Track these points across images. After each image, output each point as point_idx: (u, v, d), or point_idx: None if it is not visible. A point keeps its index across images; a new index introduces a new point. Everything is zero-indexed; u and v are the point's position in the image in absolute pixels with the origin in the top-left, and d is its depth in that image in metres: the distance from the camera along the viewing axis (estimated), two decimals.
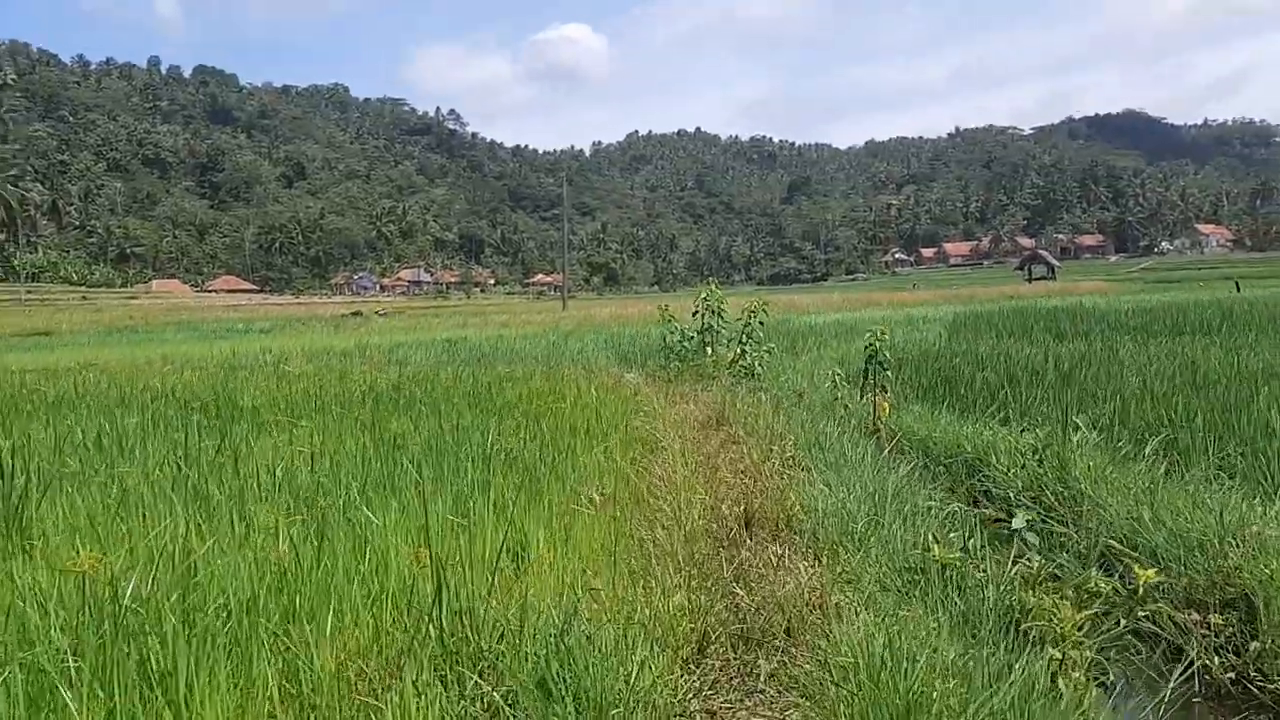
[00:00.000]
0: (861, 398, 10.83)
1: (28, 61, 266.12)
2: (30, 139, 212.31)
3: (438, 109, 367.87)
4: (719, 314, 15.22)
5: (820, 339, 23.48)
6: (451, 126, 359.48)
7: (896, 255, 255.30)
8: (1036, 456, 6.97)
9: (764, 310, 14.96)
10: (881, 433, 9.92)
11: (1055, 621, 3.74)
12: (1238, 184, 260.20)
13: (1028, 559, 4.25)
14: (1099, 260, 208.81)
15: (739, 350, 14.49)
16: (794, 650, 3.78)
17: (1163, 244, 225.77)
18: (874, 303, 52.76)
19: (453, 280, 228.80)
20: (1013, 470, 7.46)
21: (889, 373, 10.50)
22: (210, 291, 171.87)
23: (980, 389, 11.58)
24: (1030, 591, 4.02)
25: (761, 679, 3.69)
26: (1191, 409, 8.90)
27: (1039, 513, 6.48)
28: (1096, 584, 4.13)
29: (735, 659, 3.82)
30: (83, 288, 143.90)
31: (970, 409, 10.76)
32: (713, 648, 3.83)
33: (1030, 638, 3.81)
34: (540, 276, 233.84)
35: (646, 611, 3.85)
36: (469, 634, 3.47)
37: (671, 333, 15.25)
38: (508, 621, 3.58)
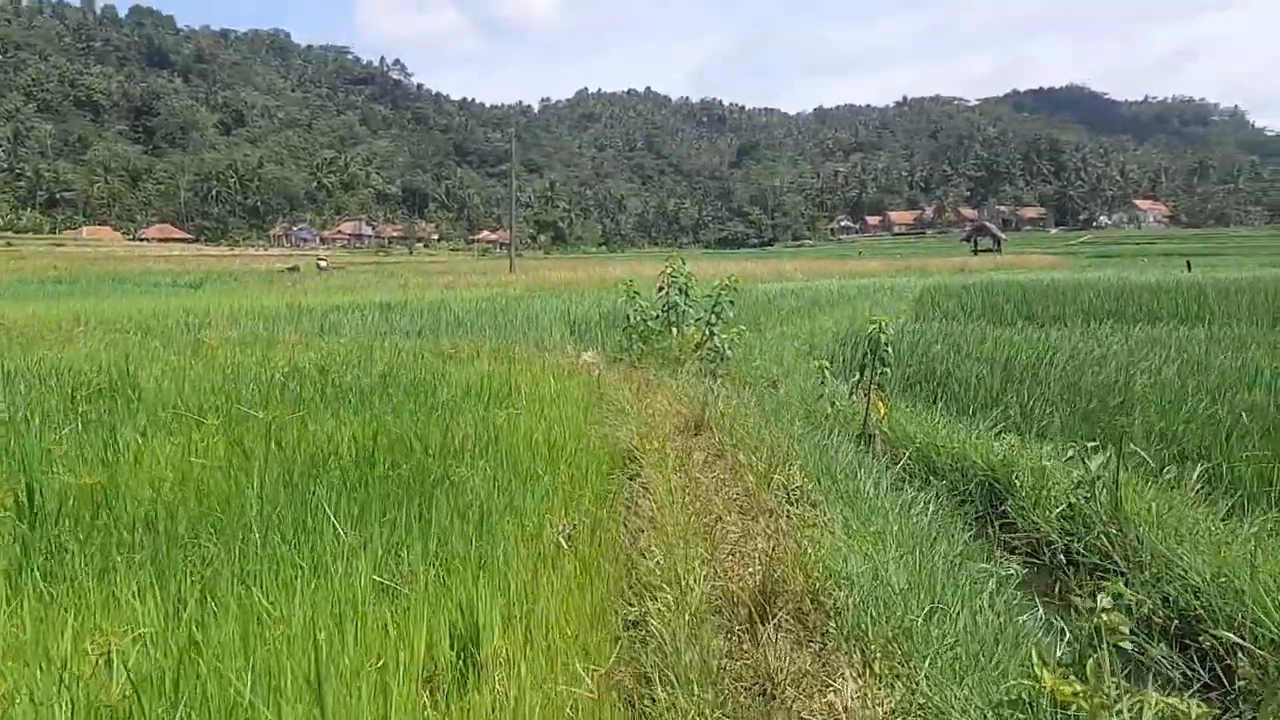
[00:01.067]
0: (851, 395, 9.69)
1: None
2: None
3: (382, 59, 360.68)
4: (685, 291, 13.97)
5: (781, 314, 22.37)
6: (396, 77, 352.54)
7: (842, 222, 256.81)
8: (1084, 491, 5.88)
9: (734, 288, 13.75)
10: (876, 437, 8.79)
11: None
12: (1175, 161, 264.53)
13: (1169, 693, 3.12)
14: (1039, 232, 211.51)
15: (707, 331, 13.28)
16: None
17: (1101, 218, 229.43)
18: (827, 272, 51.86)
19: (395, 234, 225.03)
20: (1045, 499, 6.39)
21: (888, 369, 9.32)
22: (143, 240, 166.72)
23: (975, 385, 10.53)
24: None
25: None
26: (1230, 427, 7.89)
27: (1089, 560, 5.40)
28: None
29: None
30: (8, 233, 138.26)
31: (967, 410, 9.69)
32: None
33: None
34: (486, 233, 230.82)
35: None
36: None
37: (635, 310, 13.94)
38: None
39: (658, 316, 13.81)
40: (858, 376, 9.39)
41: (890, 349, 9.24)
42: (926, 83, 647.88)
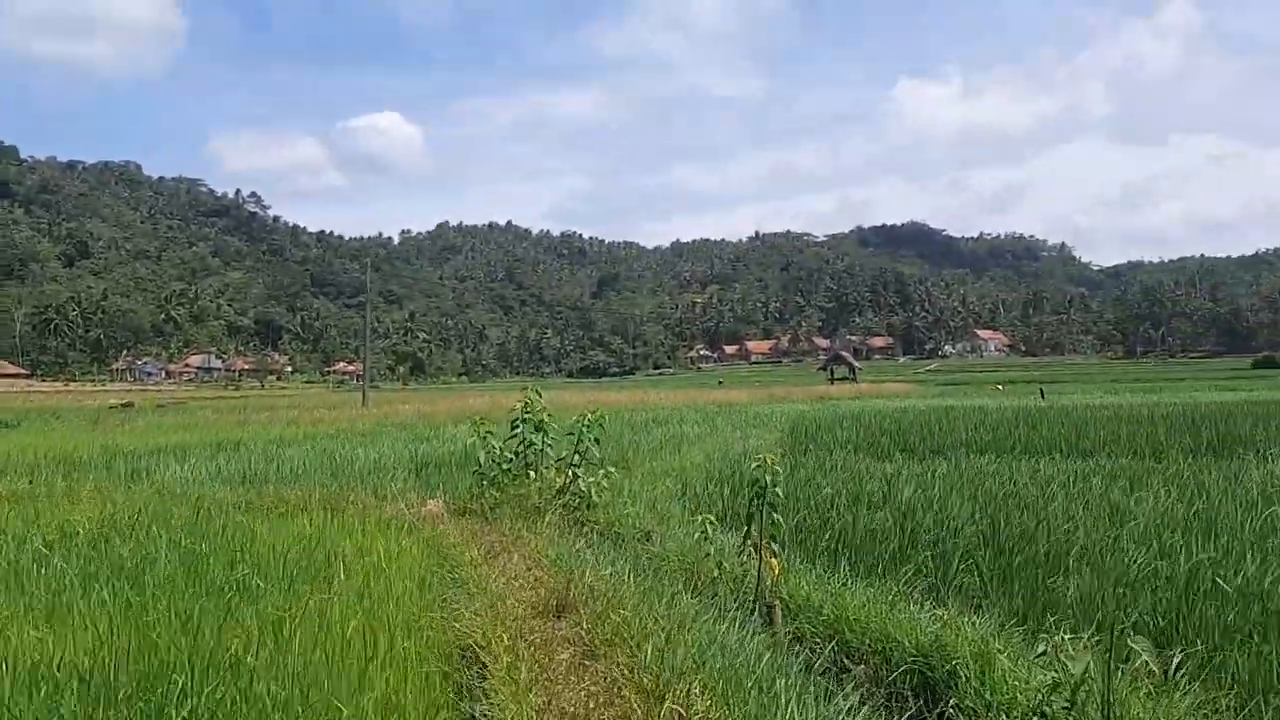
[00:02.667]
0: (741, 551, 8.28)
1: None
2: None
3: (238, 191, 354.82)
4: (543, 428, 12.40)
5: (649, 448, 21.00)
6: (252, 209, 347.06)
7: (701, 351, 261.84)
8: (1062, 698, 4.54)
9: (599, 425, 12.28)
10: (776, 608, 7.37)
11: None
12: (1011, 293, 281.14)
13: None
14: (888, 360, 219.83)
15: (570, 474, 11.73)
16: None
17: (946, 347, 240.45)
18: (692, 402, 51.11)
19: (247, 367, 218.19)
20: (1001, 699, 5.05)
21: (779, 517, 7.98)
22: None
23: (878, 537, 9.28)
24: None
25: None
26: (1182, 591, 6.81)
27: None
28: None
29: None
30: None
31: (874, 568, 8.39)
32: None
33: None
34: (341, 365, 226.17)
35: None
36: None
37: (487, 452, 12.20)
38: None
39: (513, 459, 12.17)
40: (745, 530, 8.02)
41: (779, 492, 7.93)
42: (777, 219, 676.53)
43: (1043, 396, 52.69)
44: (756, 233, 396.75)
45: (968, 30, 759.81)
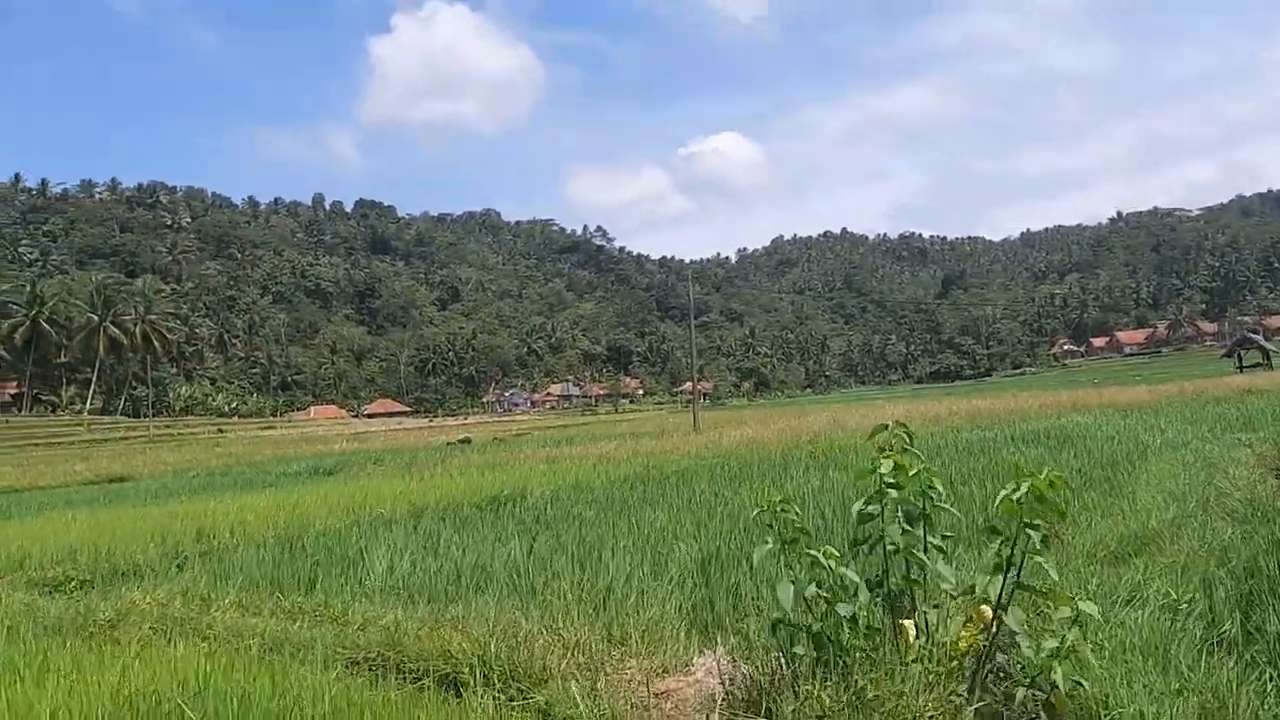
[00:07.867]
0: None
1: (202, 205, 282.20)
2: (202, 277, 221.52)
3: (585, 227, 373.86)
4: (925, 517, 5.72)
5: (1072, 487, 13.61)
6: (599, 242, 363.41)
7: (1065, 346, 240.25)
8: None
9: (1058, 505, 5.47)
10: None
11: None
12: None
13: None
14: None
15: (993, 621, 5.19)
16: None
17: None
18: (1081, 405, 41.47)
19: (602, 392, 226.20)
20: None
21: None
22: (366, 416, 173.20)
23: None
24: None
25: None
26: None
27: None
28: None
29: None
30: (232, 418, 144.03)
31: None
32: None
33: None
34: (689, 385, 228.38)
35: None
36: None
37: (796, 582, 5.41)
38: None
39: (855, 594, 5.49)
40: None
41: None
42: (1141, 196, 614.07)
43: None
44: (1118, 213, 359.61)
45: None
